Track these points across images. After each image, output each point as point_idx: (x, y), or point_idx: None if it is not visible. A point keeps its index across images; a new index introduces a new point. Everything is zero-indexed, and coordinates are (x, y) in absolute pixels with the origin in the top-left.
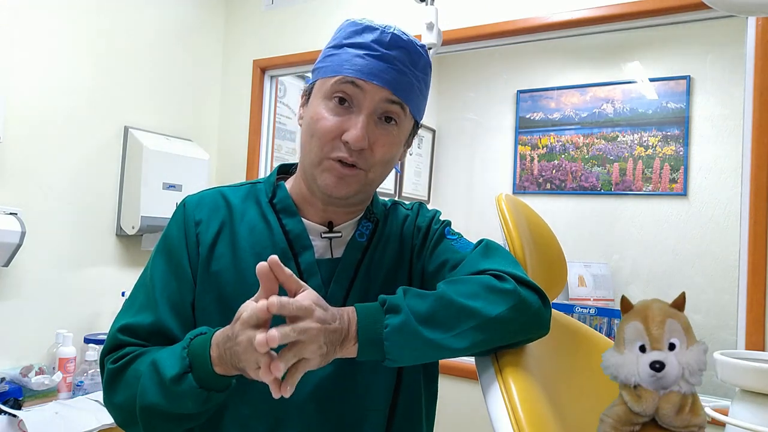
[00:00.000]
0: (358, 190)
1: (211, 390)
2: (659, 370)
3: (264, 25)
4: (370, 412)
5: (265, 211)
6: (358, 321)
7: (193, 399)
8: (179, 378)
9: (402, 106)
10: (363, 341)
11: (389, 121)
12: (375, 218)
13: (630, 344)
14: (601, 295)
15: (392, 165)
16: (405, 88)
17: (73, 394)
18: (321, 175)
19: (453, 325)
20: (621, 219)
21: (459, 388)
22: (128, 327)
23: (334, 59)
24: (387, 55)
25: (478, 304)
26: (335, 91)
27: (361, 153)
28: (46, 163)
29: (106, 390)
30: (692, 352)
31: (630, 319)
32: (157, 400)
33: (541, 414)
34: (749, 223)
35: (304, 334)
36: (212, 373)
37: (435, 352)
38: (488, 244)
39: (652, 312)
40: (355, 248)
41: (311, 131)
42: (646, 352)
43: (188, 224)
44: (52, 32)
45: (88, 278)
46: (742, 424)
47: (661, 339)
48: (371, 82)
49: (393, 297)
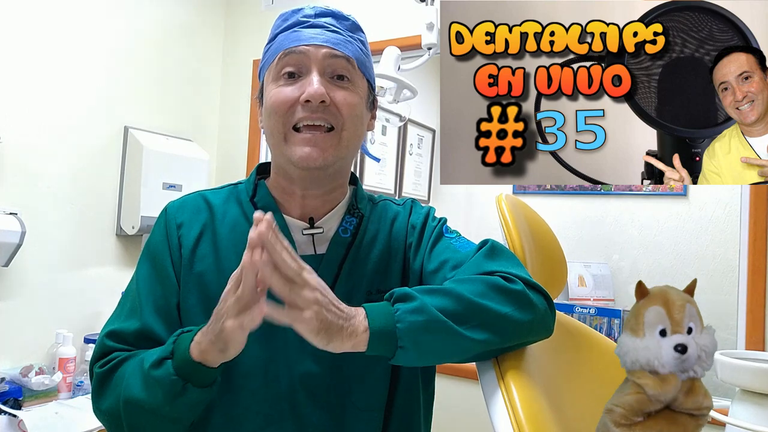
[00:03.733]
0: (334, 156)
1: (188, 382)
2: (683, 353)
3: (264, 25)
4: (363, 412)
5: (246, 210)
6: (366, 311)
7: (166, 388)
8: (158, 363)
9: (347, 59)
10: (374, 328)
11: (342, 78)
12: (359, 213)
13: (651, 328)
14: (601, 295)
15: (362, 126)
16: (344, 44)
17: (73, 394)
18: (292, 149)
19: (464, 320)
20: (621, 219)
21: (459, 388)
22: (115, 333)
23: (272, 47)
24: (317, 22)
25: (487, 303)
26: (281, 66)
27: (327, 110)
28: (46, 163)
29: (95, 396)
30: (706, 335)
31: (650, 304)
32: (136, 393)
33: (542, 416)
34: (749, 223)
35: (300, 277)
36: (189, 360)
37: (449, 340)
38: (493, 245)
39: (672, 297)
40: (338, 244)
41: (269, 111)
42: (666, 336)
43: (170, 228)
44: (52, 33)
45: (88, 278)
46: (742, 424)
47: (682, 323)
48: (311, 43)
49: (398, 289)
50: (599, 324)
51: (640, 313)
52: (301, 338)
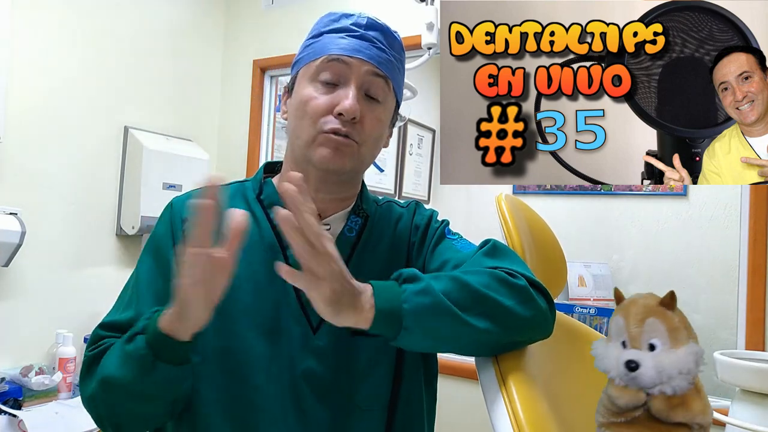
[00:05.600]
0: (351, 165)
1: (157, 358)
2: (633, 370)
3: (264, 25)
4: (367, 411)
5: (253, 207)
6: (374, 289)
7: (137, 362)
8: (131, 338)
9: (386, 80)
10: (380, 306)
11: (374, 98)
12: (364, 213)
13: (614, 338)
14: (601, 295)
15: (380, 145)
16: (387, 64)
17: (73, 394)
18: (316, 150)
19: (468, 307)
20: (621, 219)
21: (459, 388)
22: (110, 324)
23: (316, 45)
24: (366, 34)
25: (491, 293)
26: (322, 70)
27: (353, 126)
28: (46, 163)
29: (81, 383)
30: (675, 354)
31: (615, 313)
32: (112, 370)
33: (543, 417)
34: (749, 223)
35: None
36: (158, 332)
37: (452, 324)
38: (495, 244)
39: (635, 309)
40: (344, 243)
41: (301, 113)
42: (626, 348)
43: (175, 222)
44: (52, 32)
45: (88, 278)
46: (742, 424)
47: (639, 338)
48: (356, 57)
49: (407, 270)
50: (599, 324)
51: (611, 320)
52: (305, 336)
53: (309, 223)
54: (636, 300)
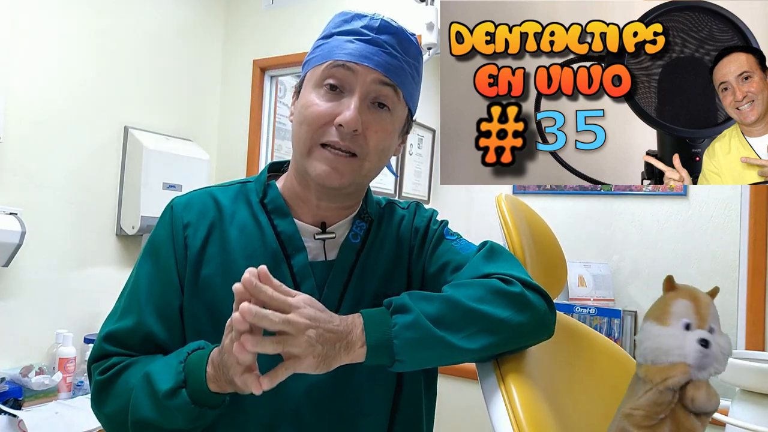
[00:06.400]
0: (351, 181)
1: (204, 407)
2: (706, 347)
3: (264, 25)
4: (368, 417)
5: (256, 212)
6: (364, 322)
7: (185, 415)
8: (173, 393)
9: (395, 89)
10: (371, 343)
11: (382, 107)
12: (369, 218)
13: (677, 319)
14: (601, 295)
15: (387, 156)
16: (396, 71)
17: (73, 394)
18: (312, 164)
19: (462, 327)
20: (621, 219)
21: (459, 388)
22: (113, 335)
23: (324, 47)
24: (377, 39)
25: (486, 308)
26: (326, 76)
27: (354, 139)
28: (46, 163)
29: (95, 400)
30: (724, 338)
31: (678, 297)
32: (149, 414)
33: (543, 417)
34: (749, 223)
35: (289, 325)
36: (207, 391)
37: (445, 352)
38: (492, 246)
39: (700, 295)
40: (349, 250)
41: (302, 118)
42: (690, 330)
43: (176, 227)
44: (52, 32)
45: (88, 278)
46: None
47: (707, 320)
48: (362, 63)
49: (398, 298)
50: (599, 324)
51: (667, 303)
52: None
53: (264, 314)
54: (694, 288)
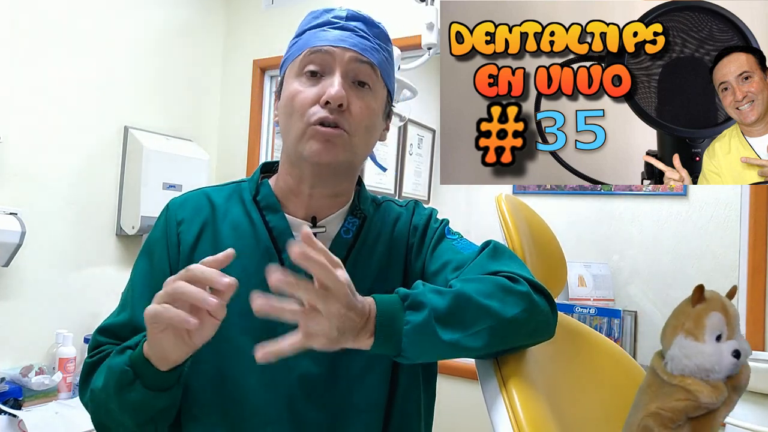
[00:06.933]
0: (344, 156)
1: (138, 377)
2: (738, 357)
3: (264, 25)
4: (363, 413)
5: (249, 209)
6: (377, 315)
7: (117, 377)
8: (121, 351)
9: (372, 66)
10: (380, 336)
11: (363, 85)
12: (362, 214)
13: (710, 334)
14: (601, 295)
15: (373, 136)
16: (371, 51)
17: (73, 394)
18: (307, 144)
19: (470, 324)
20: (621, 219)
21: (459, 388)
22: (107, 329)
23: (299, 42)
24: (347, 25)
25: (494, 304)
26: (306, 63)
27: (341, 114)
28: (46, 163)
29: (81, 387)
30: (746, 342)
31: (710, 309)
32: (99, 381)
33: (543, 418)
34: (749, 223)
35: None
36: (141, 354)
37: (450, 352)
38: (496, 246)
39: (728, 304)
40: (340, 245)
41: (290, 109)
42: (720, 341)
43: (170, 224)
44: (52, 32)
45: (88, 278)
46: (742, 424)
47: (736, 330)
48: (339, 45)
49: (415, 292)
50: (599, 324)
51: (701, 317)
52: None
53: (322, 262)
54: (720, 296)
